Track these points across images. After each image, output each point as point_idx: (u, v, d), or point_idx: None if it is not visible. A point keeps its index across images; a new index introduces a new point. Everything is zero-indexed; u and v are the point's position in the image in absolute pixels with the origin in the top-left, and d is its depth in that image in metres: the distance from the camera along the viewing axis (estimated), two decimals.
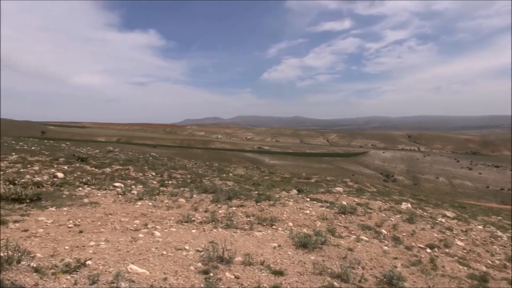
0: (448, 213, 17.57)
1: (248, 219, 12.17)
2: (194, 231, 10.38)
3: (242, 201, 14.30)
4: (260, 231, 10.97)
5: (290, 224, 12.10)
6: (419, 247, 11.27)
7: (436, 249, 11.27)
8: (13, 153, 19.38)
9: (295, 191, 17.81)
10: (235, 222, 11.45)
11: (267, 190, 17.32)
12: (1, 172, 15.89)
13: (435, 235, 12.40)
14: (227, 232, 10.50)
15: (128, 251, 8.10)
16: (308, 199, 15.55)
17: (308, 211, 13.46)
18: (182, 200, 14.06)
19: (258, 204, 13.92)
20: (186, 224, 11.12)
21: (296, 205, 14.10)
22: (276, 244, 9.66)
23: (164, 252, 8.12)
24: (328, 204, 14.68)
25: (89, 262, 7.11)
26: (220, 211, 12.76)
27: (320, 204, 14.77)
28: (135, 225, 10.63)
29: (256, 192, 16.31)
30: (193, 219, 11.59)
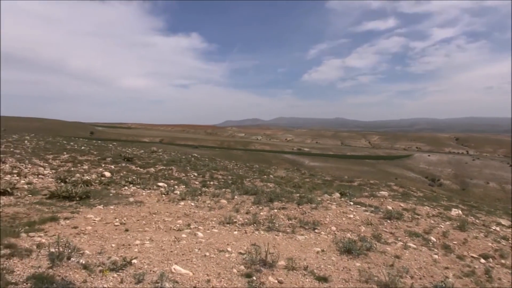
0: (503, 221, 16.45)
1: (290, 222, 11.99)
2: (236, 233, 10.34)
3: (283, 203, 14.13)
4: (302, 234, 10.76)
5: (333, 228, 11.79)
6: (472, 256, 10.59)
7: (491, 260, 10.54)
8: (65, 153, 20.33)
9: (337, 195, 17.39)
10: (277, 225, 11.30)
11: (308, 193, 17.04)
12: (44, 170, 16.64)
13: (490, 244, 11.62)
14: (269, 235, 10.37)
15: (171, 251, 8.17)
16: (351, 203, 15.11)
17: (351, 216, 13.06)
18: (223, 201, 14.10)
19: (300, 207, 13.69)
20: (228, 225, 11.11)
21: (339, 209, 13.74)
22: (319, 249, 9.42)
23: (207, 254, 8.12)
24: (373, 209, 14.19)
25: (134, 261, 7.23)
26: (261, 213, 12.66)
27: (364, 208, 14.30)
28: (178, 225, 10.75)
29: (298, 194, 16.07)
30: (234, 220, 11.56)
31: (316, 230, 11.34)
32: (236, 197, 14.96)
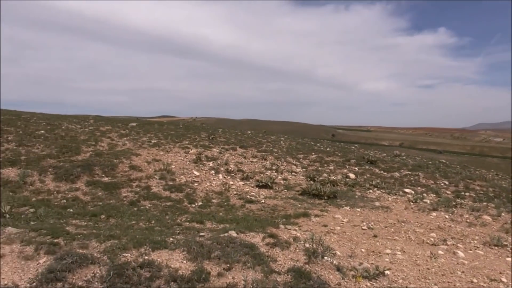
0: None
1: None
2: (509, 259, 8.37)
3: None
4: None
5: None
6: None
7: None
8: (313, 153, 21.81)
9: None
10: None
11: None
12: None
13: None
14: None
15: (428, 268, 7.23)
16: None
17: None
18: (486, 217, 11.85)
19: None
20: (496, 248, 9.15)
21: None
22: None
23: (474, 280, 6.78)
24: None
25: (387, 272, 6.71)
26: None
27: None
28: (431, 239, 9.57)
29: None
30: (505, 243, 9.43)
31: None
32: (503, 214, 12.35)
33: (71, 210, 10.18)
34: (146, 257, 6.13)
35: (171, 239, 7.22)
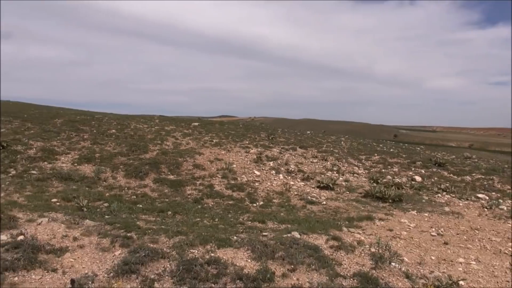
0: None
1: None
2: None
3: None
4: None
5: None
6: None
7: None
8: (375, 154, 21.09)
9: None
10: None
11: None
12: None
13: None
14: None
15: (508, 281, 6.70)
16: None
17: None
18: None
19: None
20: None
21: None
22: None
23: None
24: None
25: (462, 282, 6.31)
26: None
27: None
28: (510, 249, 8.85)
29: None
30: None
31: None
32: None
33: (141, 206, 10.74)
34: (212, 254, 6.30)
35: (235, 237, 7.36)
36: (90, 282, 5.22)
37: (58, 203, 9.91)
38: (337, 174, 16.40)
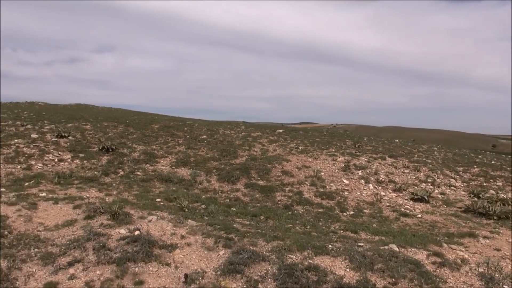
0: None
1: None
2: None
3: None
4: None
5: None
6: None
7: None
8: (475, 166, 19.50)
9: None
10: None
11: None
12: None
13: None
14: None
15: None
16: None
17: None
18: None
19: None
20: None
21: None
22: None
23: None
24: None
25: None
26: None
27: None
28: None
29: None
30: None
31: None
32: None
33: (234, 209, 11.23)
34: (310, 261, 6.40)
35: (330, 245, 7.37)
36: (200, 278, 5.64)
37: (161, 203, 10.80)
38: (431, 186, 15.49)
